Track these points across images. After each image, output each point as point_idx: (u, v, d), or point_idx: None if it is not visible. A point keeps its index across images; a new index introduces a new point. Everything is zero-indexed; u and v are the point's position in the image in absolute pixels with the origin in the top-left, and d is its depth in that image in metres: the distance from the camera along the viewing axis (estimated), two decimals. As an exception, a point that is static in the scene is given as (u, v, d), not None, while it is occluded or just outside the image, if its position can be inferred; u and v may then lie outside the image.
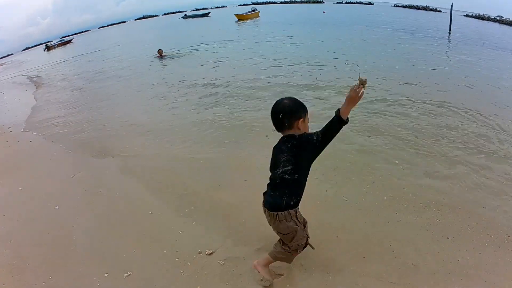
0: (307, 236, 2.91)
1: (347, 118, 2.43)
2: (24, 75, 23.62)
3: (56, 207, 4.89)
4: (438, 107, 7.76)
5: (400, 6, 76.02)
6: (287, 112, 2.52)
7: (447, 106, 7.73)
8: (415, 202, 4.25)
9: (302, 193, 2.67)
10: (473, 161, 5.24)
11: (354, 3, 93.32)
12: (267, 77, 11.54)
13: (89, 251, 3.90)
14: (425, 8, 69.66)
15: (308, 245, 2.96)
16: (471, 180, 4.72)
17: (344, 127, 2.43)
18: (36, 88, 16.88)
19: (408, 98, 8.44)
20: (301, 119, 2.52)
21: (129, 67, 18.07)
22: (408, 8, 71.97)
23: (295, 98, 2.63)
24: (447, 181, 4.71)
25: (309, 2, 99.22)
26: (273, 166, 2.72)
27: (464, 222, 3.86)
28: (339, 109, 2.40)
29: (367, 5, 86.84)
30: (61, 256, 3.86)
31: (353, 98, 2.33)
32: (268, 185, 2.79)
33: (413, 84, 9.93)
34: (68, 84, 16.19)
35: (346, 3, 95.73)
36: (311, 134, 2.50)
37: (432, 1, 67.48)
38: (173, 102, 10.23)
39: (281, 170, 2.55)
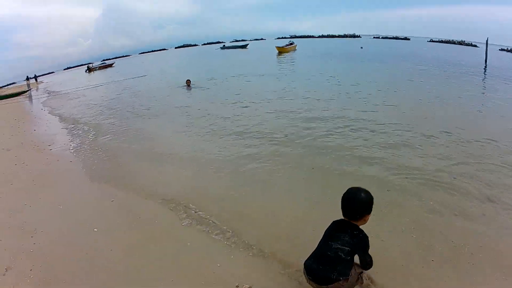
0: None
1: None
2: (67, 95, 26.31)
3: (95, 229, 5.23)
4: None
5: (435, 41, 79.48)
6: (363, 207, 2.91)
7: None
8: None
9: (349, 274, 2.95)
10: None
11: (391, 38, 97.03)
12: (323, 113, 11.68)
13: (126, 277, 4.13)
14: (460, 43, 71.24)
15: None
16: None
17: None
18: (79, 109, 18.44)
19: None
20: (370, 214, 2.95)
21: (159, 96, 19.59)
22: (443, 43, 75.05)
23: (369, 192, 2.99)
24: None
25: (346, 37, 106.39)
26: (329, 238, 3.03)
27: None
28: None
29: (403, 40, 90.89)
30: (95, 278, 4.13)
31: None
32: (315, 255, 3.08)
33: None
34: (107, 110, 17.37)
35: (383, 38, 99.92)
36: (368, 245, 2.99)
37: (467, 36, 68.00)
38: (205, 133, 10.72)
39: (338, 246, 2.90)
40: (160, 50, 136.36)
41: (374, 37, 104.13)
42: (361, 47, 52.19)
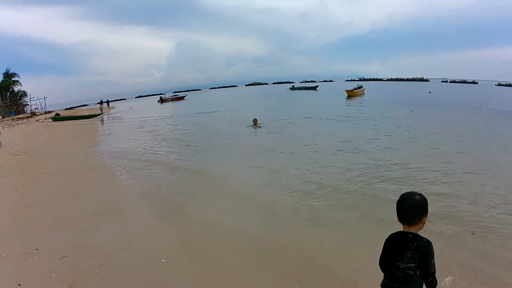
0: None
1: None
2: (139, 123, 28.56)
3: (163, 260, 5.36)
4: None
5: (503, 85, 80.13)
6: (420, 208, 2.91)
7: None
8: None
9: None
10: None
11: (458, 82, 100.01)
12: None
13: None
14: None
15: None
16: None
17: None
18: (150, 138, 19.72)
19: None
20: (426, 216, 2.93)
21: (226, 132, 20.37)
22: (512, 87, 75.66)
23: (422, 194, 2.98)
24: None
25: (415, 80, 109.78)
26: (393, 259, 2.98)
27: None
28: None
29: (471, 84, 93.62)
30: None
31: None
32: (388, 279, 3.03)
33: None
34: (177, 142, 18.23)
35: (450, 82, 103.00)
36: (432, 252, 2.89)
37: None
38: (266, 173, 10.62)
39: (405, 265, 2.87)
40: (230, 86, 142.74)
41: (442, 81, 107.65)
42: (430, 92, 52.65)
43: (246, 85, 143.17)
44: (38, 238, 6.23)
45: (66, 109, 75.84)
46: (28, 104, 68.85)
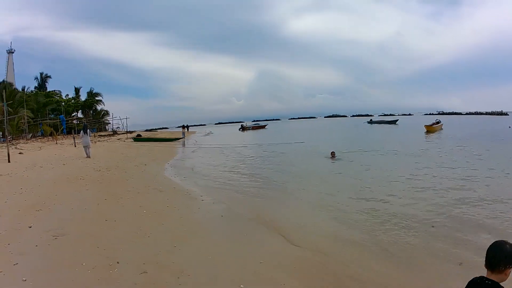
0: None
1: None
2: (222, 149, 30.94)
3: (242, 286, 5.39)
4: None
5: None
6: (507, 258, 2.90)
7: None
8: None
9: None
10: None
11: None
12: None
13: None
14: None
15: None
16: None
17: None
18: (233, 165, 20.78)
19: None
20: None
21: (304, 163, 21.61)
22: None
23: None
24: None
25: (494, 114, 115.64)
26: None
27: None
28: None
29: None
30: None
31: None
32: None
33: None
34: (257, 170, 18.88)
35: None
36: None
37: None
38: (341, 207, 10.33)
39: None
40: (309, 117, 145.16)
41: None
42: (510, 127, 51.19)
43: (325, 117, 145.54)
44: (118, 252, 6.59)
45: (146, 130, 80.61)
46: (109, 123, 74.48)
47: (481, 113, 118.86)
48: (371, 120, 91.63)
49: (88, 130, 23.20)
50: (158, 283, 5.44)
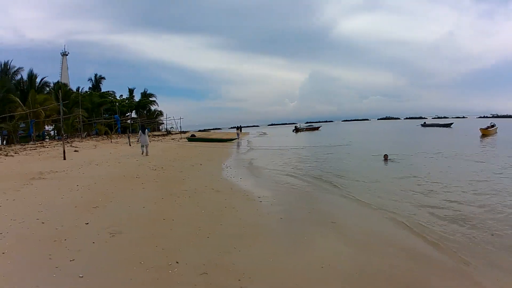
0: None
1: None
2: (278, 150, 31.64)
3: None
4: None
5: None
6: None
7: None
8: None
9: None
10: None
11: None
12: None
13: None
14: None
15: None
16: None
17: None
18: (288, 168, 20.76)
19: None
20: None
21: (357, 166, 21.81)
22: None
23: None
24: None
25: None
26: None
27: None
28: None
29: None
30: None
31: None
32: None
33: None
34: (310, 172, 18.88)
35: None
36: None
37: None
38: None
39: None
40: (362, 119, 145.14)
41: None
42: None
43: (378, 119, 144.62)
44: (178, 252, 6.62)
45: (200, 130, 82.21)
46: (163, 123, 76.63)
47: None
48: (424, 123, 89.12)
49: (146, 129, 24.86)
50: (218, 284, 5.40)
